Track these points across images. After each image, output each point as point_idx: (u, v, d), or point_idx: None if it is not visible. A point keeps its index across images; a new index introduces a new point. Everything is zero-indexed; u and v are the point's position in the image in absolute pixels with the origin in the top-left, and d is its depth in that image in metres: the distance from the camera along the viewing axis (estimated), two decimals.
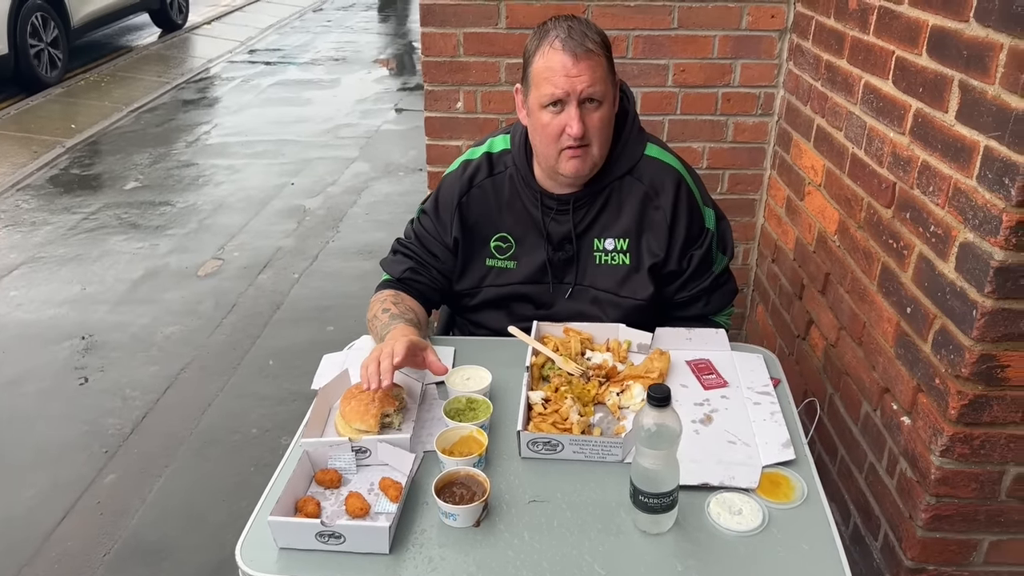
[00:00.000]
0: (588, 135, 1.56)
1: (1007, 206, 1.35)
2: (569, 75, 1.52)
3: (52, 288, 3.92)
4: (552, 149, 1.60)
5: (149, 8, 9.17)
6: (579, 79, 1.52)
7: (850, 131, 2.01)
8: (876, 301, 1.84)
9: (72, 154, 5.82)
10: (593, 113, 1.56)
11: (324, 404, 1.49)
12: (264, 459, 2.70)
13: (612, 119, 1.63)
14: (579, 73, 1.52)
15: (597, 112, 1.56)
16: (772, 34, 2.48)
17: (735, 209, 2.71)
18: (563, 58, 1.52)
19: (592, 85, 1.53)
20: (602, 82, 1.55)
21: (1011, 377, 1.48)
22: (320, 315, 3.65)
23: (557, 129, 1.56)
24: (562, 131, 1.56)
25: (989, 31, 1.40)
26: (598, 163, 1.64)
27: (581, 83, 1.52)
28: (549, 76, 1.53)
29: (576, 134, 1.54)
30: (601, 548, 1.20)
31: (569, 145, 1.57)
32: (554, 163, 1.61)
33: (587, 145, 1.58)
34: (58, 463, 2.73)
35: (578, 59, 1.52)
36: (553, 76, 1.53)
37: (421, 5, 2.44)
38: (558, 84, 1.53)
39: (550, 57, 1.53)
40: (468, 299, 1.80)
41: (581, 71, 1.52)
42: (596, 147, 1.60)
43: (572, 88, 1.52)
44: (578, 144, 1.56)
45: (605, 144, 1.62)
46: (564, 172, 1.62)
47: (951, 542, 1.66)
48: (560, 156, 1.60)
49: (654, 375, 1.54)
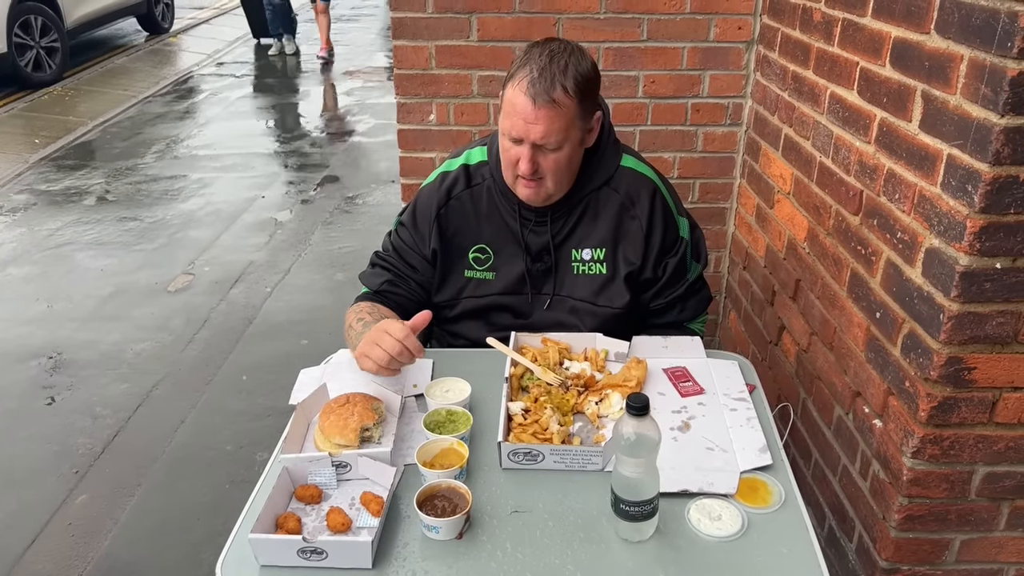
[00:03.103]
0: (540, 172, 1.59)
1: (971, 212, 1.39)
2: (526, 120, 1.53)
3: (17, 306, 3.85)
4: (509, 173, 1.64)
5: (137, 13, 9.52)
6: (534, 127, 1.53)
7: (817, 140, 2.05)
8: (846, 306, 1.88)
9: (36, 169, 5.72)
10: (549, 155, 1.58)
11: (303, 419, 1.48)
12: (240, 475, 2.67)
13: (575, 156, 1.63)
14: (535, 121, 1.52)
15: (553, 154, 1.58)
16: (739, 46, 2.52)
17: (706, 218, 2.74)
18: (524, 101, 1.52)
19: (546, 137, 1.54)
20: (559, 132, 1.54)
21: (978, 379, 1.52)
22: (294, 328, 3.63)
23: (514, 158, 1.59)
24: (517, 162, 1.59)
25: (950, 43, 1.44)
26: (553, 194, 1.66)
27: (535, 132, 1.54)
28: (510, 112, 1.55)
29: (525, 173, 1.58)
30: (584, 557, 1.21)
31: (521, 175, 1.60)
32: (512, 185, 1.66)
33: (541, 179, 1.61)
34: (27, 485, 2.67)
35: (537, 108, 1.51)
36: (512, 114, 1.54)
37: (393, 18, 2.45)
38: (515, 125, 1.55)
39: (515, 95, 1.53)
40: (447, 310, 1.80)
41: (538, 119, 1.52)
42: (551, 182, 1.62)
43: (526, 134, 1.54)
44: (530, 178, 1.59)
45: (561, 179, 1.64)
46: (519, 196, 1.66)
47: (924, 542, 1.70)
48: (516, 181, 1.63)
49: (632, 383, 1.56)
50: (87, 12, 8.31)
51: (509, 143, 1.59)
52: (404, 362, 1.51)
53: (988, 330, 1.47)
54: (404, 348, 1.49)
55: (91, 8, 8.36)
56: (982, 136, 1.35)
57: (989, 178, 1.35)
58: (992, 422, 1.56)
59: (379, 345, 1.50)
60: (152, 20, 9.94)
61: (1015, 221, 1.39)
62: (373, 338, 1.52)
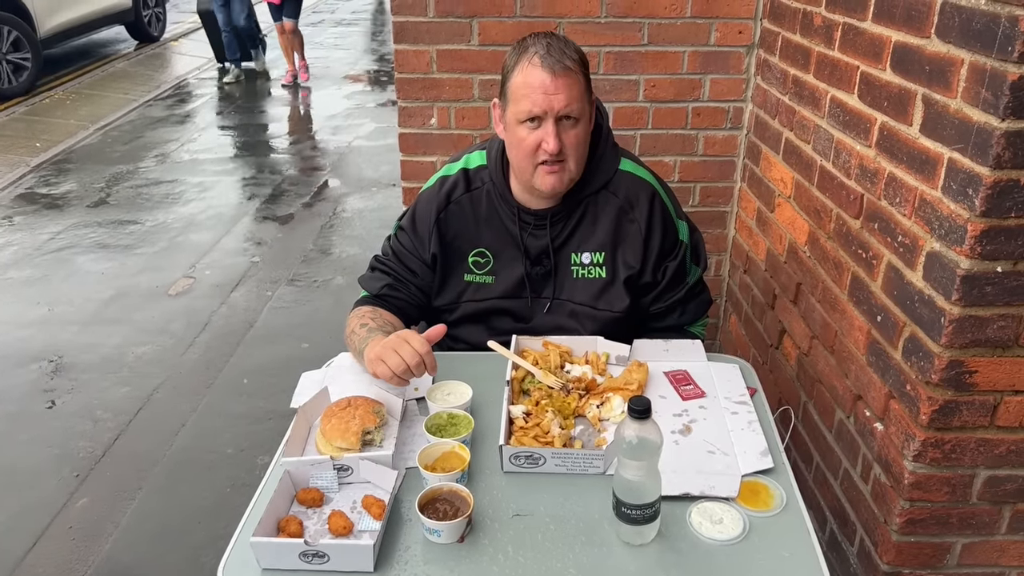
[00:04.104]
0: (564, 151, 1.58)
1: (972, 216, 1.39)
2: (547, 92, 1.53)
3: (18, 310, 3.85)
4: (528, 164, 1.61)
5: (124, 21, 9.05)
6: (556, 97, 1.54)
7: (818, 144, 2.05)
8: (847, 310, 1.88)
9: (38, 173, 5.73)
10: (570, 130, 1.58)
11: (304, 422, 1.48)
12: (241, 479, 2.67)
13: (588, 136, 1.65)
14: (556, 91, 1.53)
15: (574, 130, 1.58)
16: (740, 50, 2.53)
17: (707, 221, 2.75)
18: (541, 75, 1.53)
19: (569, 104, 1.55)
20: (579, 100, 1.57)
21: (979, 382, 1.52)
22: (294, 332, 3.63)
23: (533, 144, 1.58)
24: (538, 146, 1.57)
25: (950, 47, 1.45)
26: (574, 178, 1.66)
27: (558, 101, 1.54)
28: (527, 92, 1.55)
29: (552, 150, 1.56)
30: (585, 560, 1.21)
31: (545, 160, 1.58)
32: (530, 178, 1.63)
33: (563, 161, 1.60)
34: (28, 488, 2.67)
35: (556, 76, 1.53)
36: (531, 93, 1.54)
37: (394, 23, 2.46)
38: (536, 101, 1.54)
39: (528, 73, 1.54)
40: (447, 314, 1.80)
41: (559, 89, 1.53)
42: (572, 163, 1.62)
43: (549, 106, 1.54)
44: (554, 160, 1.58)
45: (581, 160, 1.64)
46: (540, 187, 1.63)
47: (925, 545, 1.69)
48: (536, 171, 1.61)
49: (633, 387, 1.56)
50: (64, 21, 7.84)
51: (527, 130, 1.57)
52: (417, 375, 1.50)
53: (989, 334, 1.47)
54: (422, 361, 1.49)
55: (68, 17, 7.89)
56: (983, 140, 1.36)
57: (990, 182, 1.35)
58: (993, 426, 1.56)
59: (398, 353, 1.48)
60: (141, 28, 9.48)
61: (1016, 225, 1.39)
62: (392, 345, 1.50)
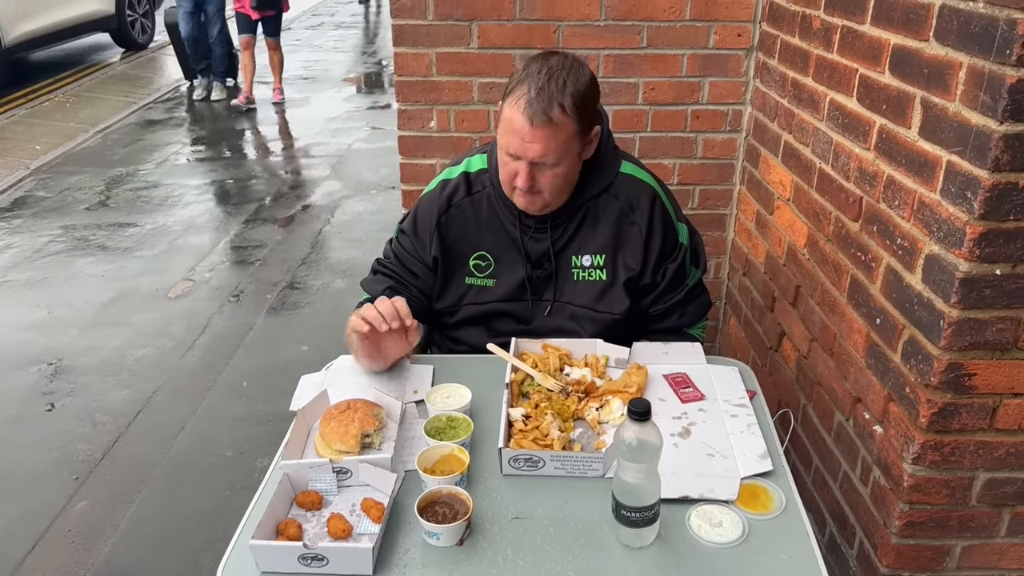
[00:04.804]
0: (538, 187, 1.60)
1: (970, 219, 1.40)
2: (524, 139, 1.54)
3: (18, 312, 3.85)
4: (507, 186, 1.65)
5: (106, 28, 8.74)
6: (531, 146, 1.54)
7: (817, 147, 2.05)
8: (846, 312, 1.88)
9: (37, 176, 5.73)
10: (547, 171, 1.59)
11: (303, 425, 1.48)
12: (240, 481, 2.67)
13: (571, 172, 1.64)
14: (533, 141, 1.53)
15: (551, 170, 1.59)
16: (739, 52, 2.53)
17: (706, 224, 2.75)
18: (522, 121, 1.53)
19: (543, 156, 1.55)
20: (556, 151, 1.55)
21: (978, 385, 1.52)
22: (294, 334, 3.63)
23: (512, 172, 1.60)
24: (515, 175, 1.59)
25: (949, 50, 1.45)
26: (552, 205, 1.67)
27: (532, 151, 1.55)
28: (508, 130, 1.56)
29: (522, 187, 1.59)
30: (584, 563, 1.21)
31: (517, 188, 1.61)
32: (509, 195, 1.67)
33: (538, 192, 1.61)
34: (27, 491, 2.67)
35: (534, 127, 1.52)
36: (510, 132, 1.55)
37: (394, 25, 2.46)
38: (511, 143, 1.56)
39: (512, 114, 1.54)
40: (448, 317, 1.80)
41: (535, 139, 1.53)
42: (548, 194, 1.63)
43: (523, 152, 1.55)
44: (527, 191, 1.60)
45: (559, 191, 1.65)
46: (517, 205, 1.67)
47: (925, 548, 1.69)
48: (513, 192, 1.65)
49: (632, 389, 1.56)
50: (34, 28, 7.32)
51: (507, 157, 1.60)
52: (393, 325, 1.53)
53: (988, 336, 1.48)
54: (394, 309, 1.53)
55: (39, 24, 7.37)
56: (981, 143, 1.36)
57: (988, 185, 1.35)
58: (992, 428, 1.56)
59: (371, 308, 1.54)
60: (126, 35, 9.02)
61: (1014, 227, 1.39)
62: (360, 311, 1.56)
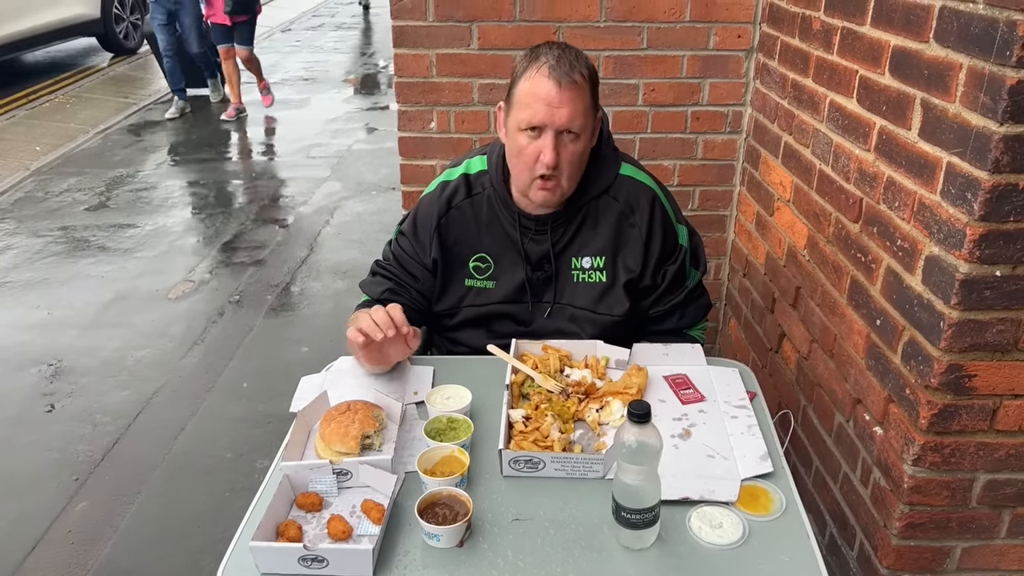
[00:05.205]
0: (561, 165, 1.58)
1: (970, 220, 1.40)
2: (551, 104, 1.53)
3: (18, 313, 3.85)
4: (526, 175, 1.62)
5: (92, 32, 8.52)
6: (560, 111, 1.53)
7: (817, 148, 2.05)
8: (846, 314, 1.88)
9: (37, 177, 5.73)
10: (569, 145, 1.57)
11: (303, 427, 1.48)
12: (240, 483, 2.67)
13: (587, 152, 1.64)
14: (561, 104, 1.53)
15: (573, 144, 1.58)
16: (739, 54, 2.53)
17: (706, 225, 2.75)
18: (548, 85, 1.52)
19: (572, 119, 1.54)
20: (582, 116, 1.56)
21: (978, 386, 1.52)
22: (294, 336, 3.63)
23: (532, 155, 1.57)
24: (536, 158, 1.57)
25: (948, 51, 1.45)
26: (567, 194, 1.66)
27: (561, 116, 1.53)
28: (531, 101, 1.54)
29: (549, 163, 1.56)
30: (584, 565, 1.21)
31: (541, 175, 1.58)
32: (525, 188, 1.64)
33: (558, 176, 1.60)
34: (27, 492, 2.67)
35: (562, 89, 1.52)
36: (535, 102, 1.54)
37: (394, 27, 2.46)
38: (538, 111, 1.54)
39: (536, 82, 1.54)
40: (448, 319, 1.80)
41: (563, 102, 1.53)
42: (566, 179, 1.62)
43: (551, 119, 1.54)
44: (550, 174, 1.58)
45: (576, 176, 1.64)
46: (534, 199, 1.65)
47: (925, 550, 1.69)
48: (532, 183, 1.62)
49: (633, 391, 1.56)
50: (10, 32, 7.05)
51: (527, 139, 1.57)
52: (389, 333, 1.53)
53: (988, 337, 1.48)
54: (388, 317, 1.54)
55: (16, 28, 7.10)
56: (981, 144, 1.36)
57: (988, 186, 1.36)
58: (993, 430, 1.56)
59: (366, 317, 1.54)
60: (114, 40, 8.75)
61: (1015, 229, 1.39)
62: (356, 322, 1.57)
